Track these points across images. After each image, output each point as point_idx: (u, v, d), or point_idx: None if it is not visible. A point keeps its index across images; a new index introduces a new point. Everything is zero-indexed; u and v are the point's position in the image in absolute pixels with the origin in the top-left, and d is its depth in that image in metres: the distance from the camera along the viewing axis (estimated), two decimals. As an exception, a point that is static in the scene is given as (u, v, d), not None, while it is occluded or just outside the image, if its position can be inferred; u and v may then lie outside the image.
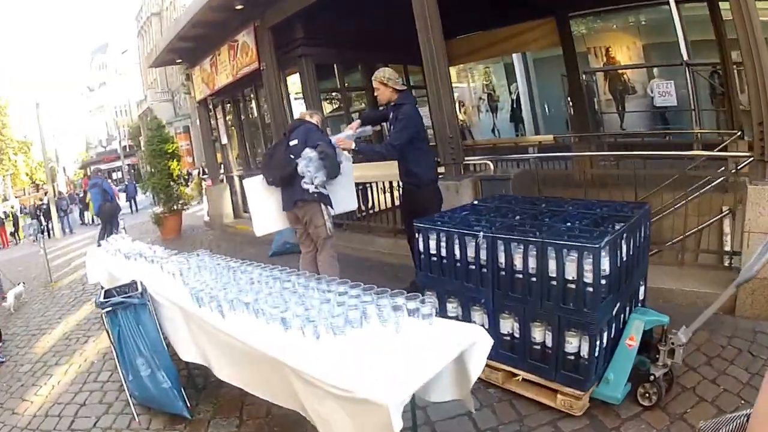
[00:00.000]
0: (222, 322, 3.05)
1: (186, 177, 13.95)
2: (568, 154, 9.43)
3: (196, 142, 30.75)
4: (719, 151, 6.84)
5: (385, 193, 7.78)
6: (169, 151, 12.17)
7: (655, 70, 10.66)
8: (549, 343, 3.21)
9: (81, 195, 26.24)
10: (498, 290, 3.42)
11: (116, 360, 3.82)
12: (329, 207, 5.00)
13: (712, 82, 9.32)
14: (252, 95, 11.15)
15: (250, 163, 11.63)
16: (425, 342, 2.44)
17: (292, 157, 4.77)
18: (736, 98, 8.47)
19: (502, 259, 3.34)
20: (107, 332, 3.79)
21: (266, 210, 5.19)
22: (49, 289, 9.45)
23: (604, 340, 3.11)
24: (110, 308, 3.64)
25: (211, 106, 12.32)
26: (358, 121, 5.18)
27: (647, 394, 3.08)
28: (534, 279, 3.19)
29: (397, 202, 7.25)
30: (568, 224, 3.41)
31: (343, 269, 5.12)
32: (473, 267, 3.52)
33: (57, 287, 9.46)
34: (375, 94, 5.04)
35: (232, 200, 12.12)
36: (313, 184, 4.75)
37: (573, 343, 3.07)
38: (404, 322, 2.56)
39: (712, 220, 5.44)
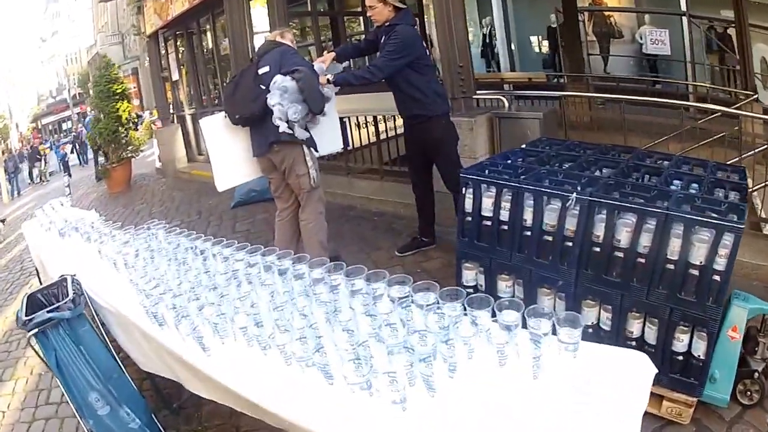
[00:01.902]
0: (205, 361, 1.87)
1: (135, 120, 12.42)
2: (582, 94, 8.51)
3: (145, 84, 29.62)
4: (736, 109, 6.13)
5: (366, 127, 6.57)
6: (118, 91, 10.67)
7: (646, 16, 10.14)
8: (651, 339, 2.51)
9: (29, 151, 24.87)
10: (586, 271, 2.62)
11: (65, 395, 2.64)
12: (313, 150, 3.91)
13: (709, 35, 8.99)
14: (208, 25, 9.91)
15: (204, 100, 10.41)
16: (590, 399, 1.37)
17: (263, 87, 3.67)
18: (750, 58, 8.04)
19: (599, 231, 2.54)
20: (42, 360, 2.59)
21: (230, 157, 4.04)
22: None
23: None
24: (35, 329, 2.41)
25: (162, 40, 10.93)
26: (332, 53, 4.08)
27: (748, 392, 2.59)
28: (643, 260, 2.44)
29: (382, 137, 6.43)
30: (679, 188, 2.67)
31: (327, 222, 4.20)
32: (550, 238, 2.70)
33: None
34: (369, 14, 3.99)
35: (185, 142, 10.83)
36: (286, 121, 3.61)
37: (683, 341, 2.43)
38: (545, 358, 1.46)
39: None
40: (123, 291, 2.49)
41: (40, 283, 5.03)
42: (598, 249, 2.57)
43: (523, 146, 3.47)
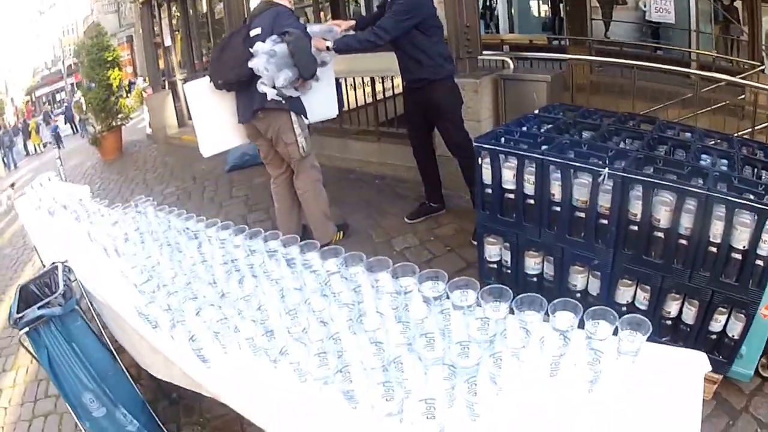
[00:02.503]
0: (205, 374, 1.59)
1: (127, 88, 11.97)
2: (593, 58, 8.16)
3: (140, 51, 29.04)
4: (742, 78, 6.07)
5: (363, 87, 6.11)
6: (109, 59, 10.20)
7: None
8: (689, 319, 2.34)
9: (23, 124, 23.98)
10: (624, 250, 2.41)
11: (60, 395, 2.37)
12: (302, 117, 3.60)
13: (716, 5, 8.68)
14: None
15: (196, 65, 9.89)
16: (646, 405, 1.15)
17: (252, 50, 3.33)
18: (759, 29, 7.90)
19: (636, 209, 2.32)
20: (34, 357, 2.32)
21: (215, 123, 3.73)
22: None
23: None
24: (26, 327, 2.13)
25: (155, 6, 10.36)
26: (352, 21, 3.82)
27: (769, 365, 2.43)
28: (685, 242, 2.24)
29: (378, 98, 5.95)
30: (708, 163, 2.44)
31: (327, 186, 3.94)
32: (582, 215, 2.47)
33: None
34: None
35: (175, 108, 10.32)
36: (273, 87, 3.31)
37: (720, 321, 2.29)
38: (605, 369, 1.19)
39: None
40: (115, 281, 2.20)
41: (41, 262, 4.78)
42: (635, 228, 2.34)
43: (536, 112, 3.16)
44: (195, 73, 9.57)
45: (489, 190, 2.76)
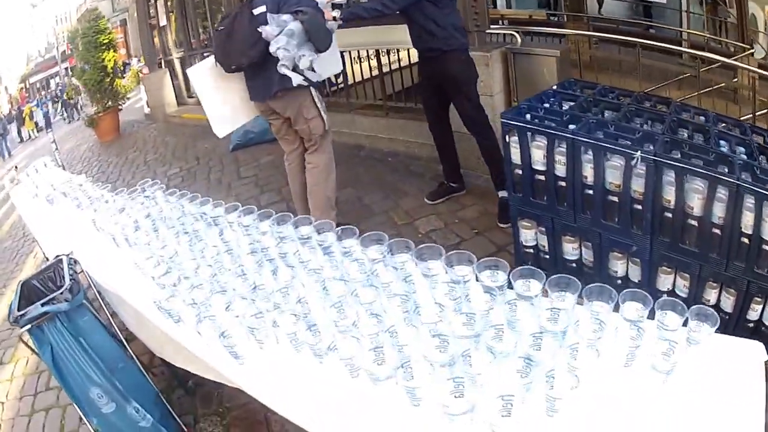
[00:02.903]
0: (237, 370, 1.42)
1: (122, 68, 11.69)
2: (614, 36, 7.82)
3: (133, 32, 28.82)
4: (735, 61, 5.94)
5: (368, 60, 5.84)
6: (105, 41, 9.89)
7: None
8: (727, 307, 2.24)
9: (16, 111, 23.94)
10: (661, 237, 2.30)
11: (65, 392, 2.17)
12: (317, 89, 3.46)
13: None
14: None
15: (193, 43, 9.68)
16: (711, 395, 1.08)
17: (260, 31, 3.06)
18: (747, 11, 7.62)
19: (670, 195, 2.20)
20: (35, 353, 2.13)
21: (223, 103, 3.54)
22: None
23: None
24: (28, 325, 1.94)
25: None
26: None
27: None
28: (719, 231, 2.13)
29: (384, 71, 5.62)
30: (728, 151, 2.30)
31: (338, 164, 3.70)
32: (615, 199, 2.35)
33: None
34: None
35: (173, 85, 10.09)
36: (297, 69, 3.06)
37: (757, 310, 2.18)
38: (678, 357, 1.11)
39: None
40: (127, 272, 2.01)
41: (44, 254, 4.56)
42: (670, 215, 2.23)
43: (554, 88, 2.98)
44: (193, 51, 9.44)
45: (519, 171, 2.59)
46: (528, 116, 2.53)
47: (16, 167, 6.28)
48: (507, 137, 2.56)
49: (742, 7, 7.64)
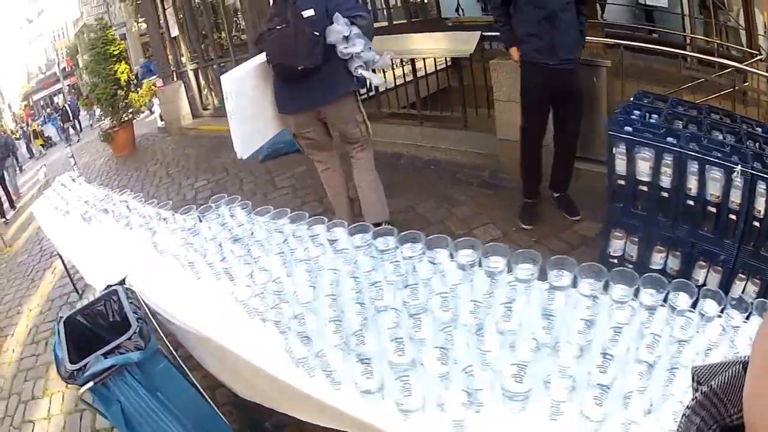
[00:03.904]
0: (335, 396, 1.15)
1: (135, 81, 11.25)
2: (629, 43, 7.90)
3: (133, 47, 28.88)
4: (747, 65, 5.81)
5: (402, 66, 5.67)
6: (115, 53, 9.46)
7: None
8: None
9: (24, 128, 24.18)
10: (745, 246, 2.36)
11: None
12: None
13: None
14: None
15: (210, 52, 9.36)
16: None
17: (317, 34, 3.02)
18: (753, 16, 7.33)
19: (761, 206, 2.27)
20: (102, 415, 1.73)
21: (254, 117, 3.33)
22: (4, 257, 6.80)
23: None
24: (89, 383, 1.52)
25: None
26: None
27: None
28: None
29: (408, 79, 5.55)
30: None
31: (381, 172, 3.57)
32: (714, 209, 2.41)
33: (13, 252, 6.85)
34: None
35: (188, 97, 9.71)
36: (371, 68, 3.15)
37: None
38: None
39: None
40: (204, 303, 1.63)
41: (65, 268, 4.15)
42: (757, 224, 2.29)
43: (632, 99, 2.91)
44: (207, 62, 9.15)
45: (622, 182, 2.60)
46: (629, 129, 2.53)
47: (45, 171, 5.90)
48: (613, 149, 2.56)
49: (750, 10, 7.32)
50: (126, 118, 9.46)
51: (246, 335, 1.42)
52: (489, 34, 4.70)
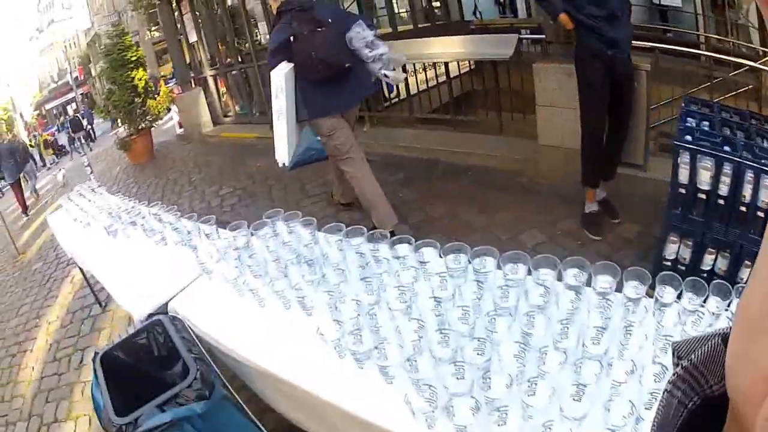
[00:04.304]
0: None
1: (152, 87, 11.05)
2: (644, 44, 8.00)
3: (147, 56, 29.22)
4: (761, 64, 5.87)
5: (434, 69, 5.63)
6: (133, 59, 9.27)
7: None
8: None
9: (35, 135, 24.16)
10: None
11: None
12: None
13: None
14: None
15: (231, 57, 9.14)
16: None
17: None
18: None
19: None
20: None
21: (293, 117, 3.42)
22: (18, 264, 6.57)
23: None
24: None
25: (174, 2, 9.44)
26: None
27: None
28: None
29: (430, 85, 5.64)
30: None
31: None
32: (762, 214, 2.53)
33: (27, 260, 6.60)
34: None
35: (208, 105, 9.52)
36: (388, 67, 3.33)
37: None
38: None
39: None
40: (276, 338, 1.37)
41: (85, 279, 3.91)
42: None
43: (683, 106, 2.96)
44: (228, 67, 8.97)
45: (683, 190, 2.69)
46: (689, 138, 2.62)
47: (63, 173, 5.69)
48: (678, 158, 2.64)
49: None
50: (143, 126, 9.28)
51: (334, 378, 1.16)
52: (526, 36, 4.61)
